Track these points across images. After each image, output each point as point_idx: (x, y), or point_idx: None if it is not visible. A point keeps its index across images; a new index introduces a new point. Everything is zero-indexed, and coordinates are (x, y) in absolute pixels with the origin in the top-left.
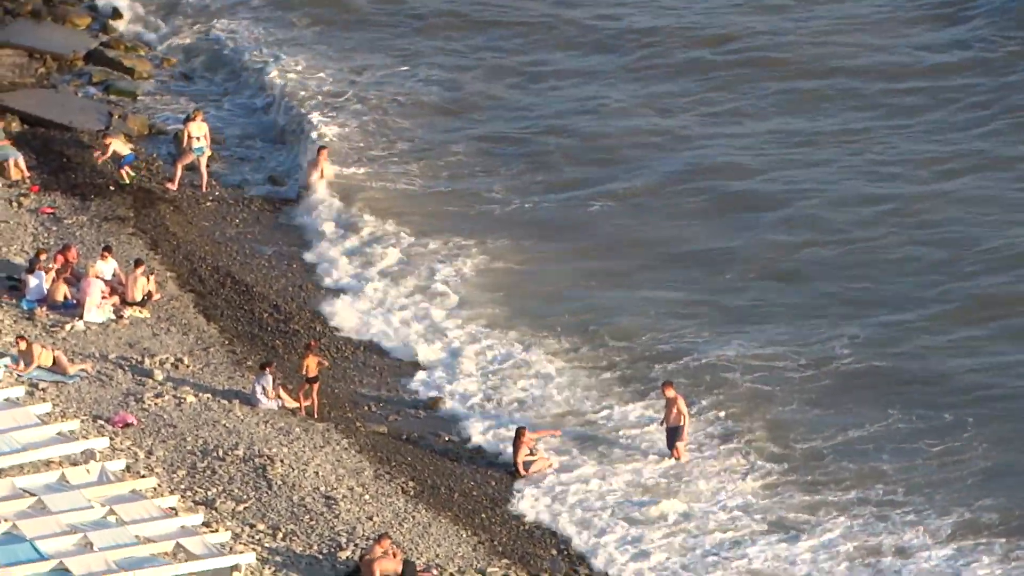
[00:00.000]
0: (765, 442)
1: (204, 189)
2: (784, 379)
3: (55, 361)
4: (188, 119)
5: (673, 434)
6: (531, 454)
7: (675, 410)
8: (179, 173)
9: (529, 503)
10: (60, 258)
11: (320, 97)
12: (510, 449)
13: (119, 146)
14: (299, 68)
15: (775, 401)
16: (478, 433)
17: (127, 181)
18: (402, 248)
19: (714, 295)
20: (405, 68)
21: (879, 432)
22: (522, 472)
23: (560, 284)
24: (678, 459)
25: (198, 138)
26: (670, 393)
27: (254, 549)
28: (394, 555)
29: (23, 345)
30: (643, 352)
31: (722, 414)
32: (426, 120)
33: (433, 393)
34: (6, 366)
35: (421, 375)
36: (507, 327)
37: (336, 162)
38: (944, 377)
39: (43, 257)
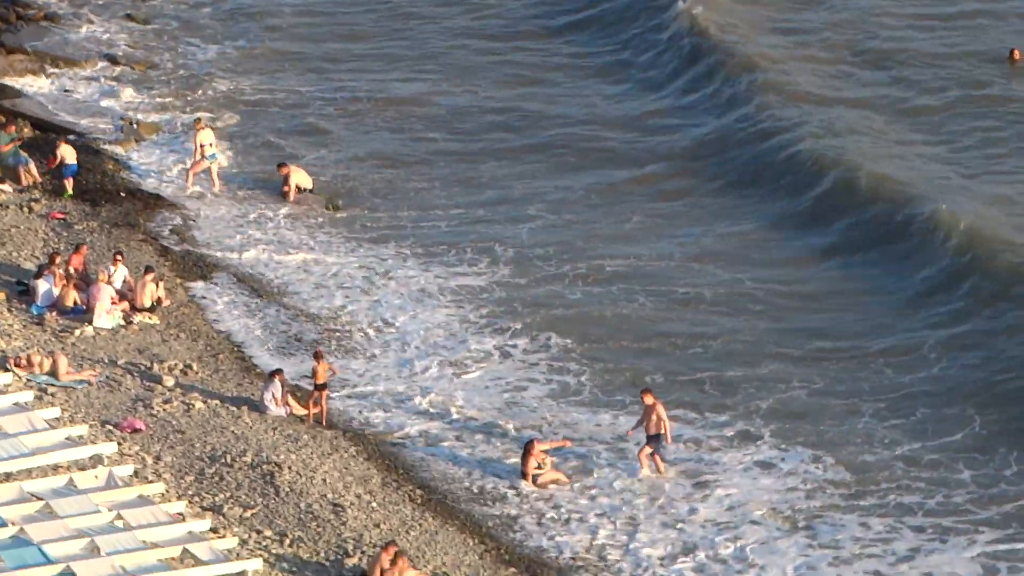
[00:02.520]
0: (827, 452)
1: (216, 192)
2: (854, 386)
3: (54, 364)
4: (195, 128)
5: (652, 442)
6: (539, 467)
7: (654, 417)
8: (191, 179)
9: (537, 512)
10: (74, 258)
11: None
12: (519, 459)
13: (68, 153)
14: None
15: (840, 410)
16: (486, 442)
17: (70, 192)
18: (416, 256)
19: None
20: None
21: (957, 442)
22: (530, 483)
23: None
24: (642, 466)
25: (209, 144)
26: (649, 400)
27: (261, 555)
28: (400, 570)
29: (23, 358)
30: (686, 365)
31: (773, 425)
32: None
33: (441, 401)
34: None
35: (428, 382)
36: (520, 340)
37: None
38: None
39: (57, 260)
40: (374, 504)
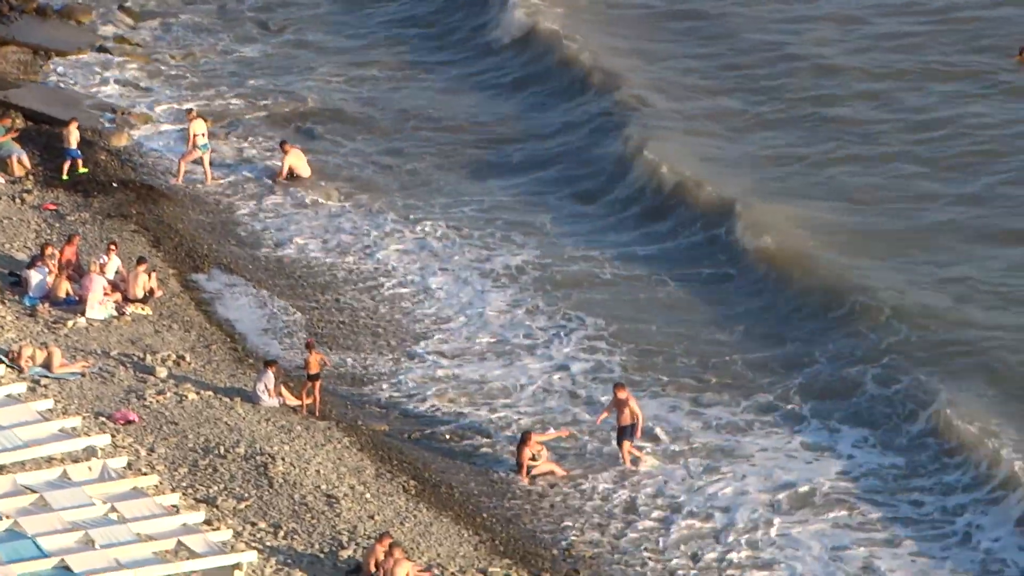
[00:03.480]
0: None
1: (208, 183)
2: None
3: (48, 357)
4: (188, 118)
5: (623, 433)
6: (534, 458)
7: (627, 412)
8: (183, 169)
9: (532, 504)
10: (67, 249)
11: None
12: (514, 450)
13: (72, 136)
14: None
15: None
16: (481, 433)
17: (65, 177)
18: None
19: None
20: None
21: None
22: (525, 475)
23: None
24: (624, 461)
25: (202, 135)
26: (622, 395)
27: (255, 547)
28: (395, 561)
29: (15, 350)
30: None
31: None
32: None
33: (438, 392)
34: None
35: (425, 372)
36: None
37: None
38: None
39: (48, 251)
40: (368, 495)
